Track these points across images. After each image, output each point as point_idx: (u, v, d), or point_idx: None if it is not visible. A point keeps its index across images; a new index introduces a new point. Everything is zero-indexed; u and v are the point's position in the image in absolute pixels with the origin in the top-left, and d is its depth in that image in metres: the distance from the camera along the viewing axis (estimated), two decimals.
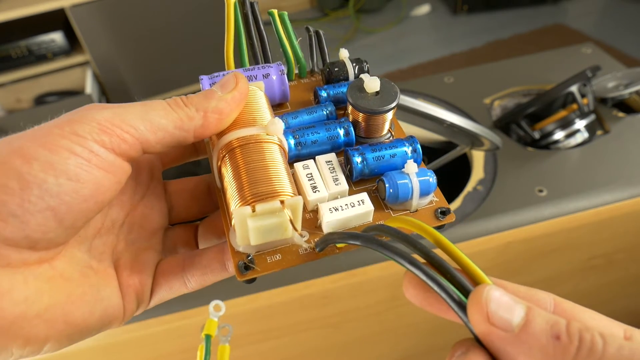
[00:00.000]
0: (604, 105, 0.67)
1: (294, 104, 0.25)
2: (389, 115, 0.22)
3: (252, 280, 0.20)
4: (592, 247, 0.60)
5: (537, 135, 0.63)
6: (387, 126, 0.23)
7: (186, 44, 1.50)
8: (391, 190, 0.20)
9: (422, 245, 0.17)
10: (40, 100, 1.46)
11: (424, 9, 1.95)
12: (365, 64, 0.25)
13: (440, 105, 0.68)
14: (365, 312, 0.58)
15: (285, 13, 0.25)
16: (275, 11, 0.25)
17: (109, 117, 0.18)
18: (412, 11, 1.95)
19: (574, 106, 0.62)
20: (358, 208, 0.20)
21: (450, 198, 0.57)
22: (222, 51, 0.24)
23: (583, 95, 0.62)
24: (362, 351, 0.67)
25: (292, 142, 0.22)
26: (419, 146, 0.22)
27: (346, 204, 0.20)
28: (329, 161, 0.22)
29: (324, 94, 0.24)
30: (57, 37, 1.38)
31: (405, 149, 0.22)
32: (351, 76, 0.25)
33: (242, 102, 0.20)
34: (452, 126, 0.48)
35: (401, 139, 0.22)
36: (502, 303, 0.14)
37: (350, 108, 0.22)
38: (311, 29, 0.26)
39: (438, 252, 0.17)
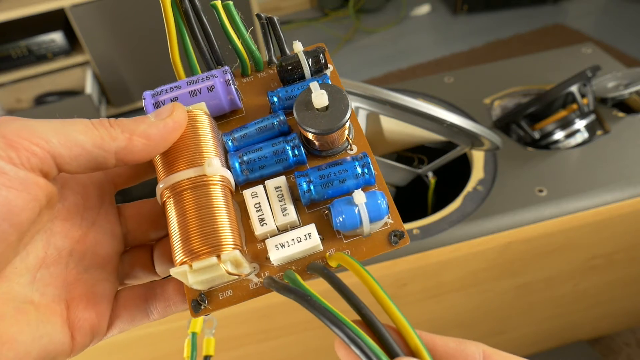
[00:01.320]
0: (604, 105, 0.67)
1: (249, 107, 0.24)
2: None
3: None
4: (592, 247, 0.60)
5: (537, 135, 0.63)
6: (345, 135, 0.22)
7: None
8: (338, 221, 0.19)
9: (355, 299, 0.17)
10: (40, 100, 1.46)
11: (424, 9, 1.95)
12: (321, 55, 0.23)
13: (440, 105, 0.68)
14: None
15: (231, 2, 0.22)
16: (218, 3, 0.22)
17: (17, 129, 0.17)
18: (412, 11, 1.95)
19: (574, 106, 0.62)
20: (305, 243, 0.20)
21: (450, 198, 0.57)
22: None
23: (583, 95, 0.62)
24: None
25: (238, 166, 0.21)
26: (371, 165, 0.21)
27: (292, 239, 0.20)
28: (278, 187, 0.21)
29: (275, 99, 0.22)
30: (57, 37, 1.38)
31: (356, 169, 0.20)
32: (307, 74, 0.23)
33: (177, 131, 0.20)
34: (452, 126, 0.48)
35: (352, 158, 0.21)
36: None
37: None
38: (262, 15, 0.23)
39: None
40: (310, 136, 0.21)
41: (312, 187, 0.20)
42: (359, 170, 0.20)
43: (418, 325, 0.67)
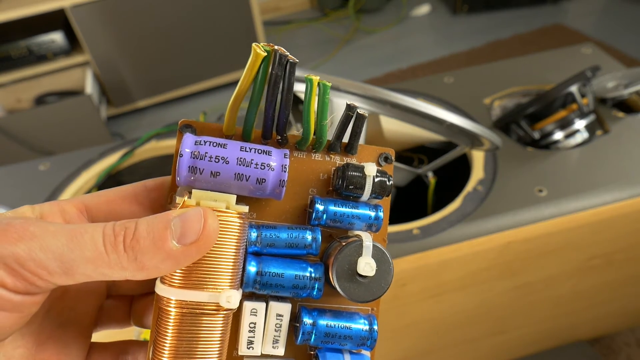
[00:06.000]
0: (604, 105, 0.67)
1: (288, 191, 0.21)
2: None
3: None
4: (592, 247, 0.60)
5: (537, 135, 0.63)
6: None
7: (186, 43, 1.50)
8: None
9: None
10: (40, 100, 1.46)
11: (424, 9, 1.95)
12: (388, 181, 0.21)
13: (440, 105, 0.68)
14: None
15: (329, 84, 0.19)
16: (315, 79, 0.18)
17: (20, 255, 0.16)
18: (412, 11, 1.95)
19: (574, 106, 0.62)
20: None
21: (450, 198, 0.57)
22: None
23: (583, 95, 0.62)
24: None
25: (252, 281, 0.20)
26: (375, 330, 0.20)
27: None
28: (280, 315, 0.20)
29: (320, 207, 0.20)
30: (57, 37, 1.38)
31: (361, 326, 0.20)
32: (365, 197, 0.21)
33: (195, 258, 0.17)
34: (452, 126, 0.48)
35: (359, 314, 0.21)
36: None
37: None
38: (354, 107, 0.20)
39: None
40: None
41: (313, 336, 0.20)
42: (365, 326, 0.20)
43: (418, 325, 0.67)
